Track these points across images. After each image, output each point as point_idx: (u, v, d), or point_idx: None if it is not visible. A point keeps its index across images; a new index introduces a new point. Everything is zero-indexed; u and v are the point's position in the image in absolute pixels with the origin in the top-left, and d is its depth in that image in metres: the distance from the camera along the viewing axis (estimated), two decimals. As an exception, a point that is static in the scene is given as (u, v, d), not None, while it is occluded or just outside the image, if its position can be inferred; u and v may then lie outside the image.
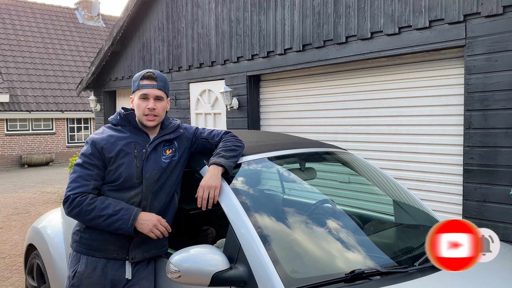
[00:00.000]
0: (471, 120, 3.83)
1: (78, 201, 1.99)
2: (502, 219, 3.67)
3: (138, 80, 2.16)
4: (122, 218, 1.97)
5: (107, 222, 1.97)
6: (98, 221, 1.98)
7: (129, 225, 1.96)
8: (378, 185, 2.73)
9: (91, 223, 2.00)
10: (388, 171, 4.65)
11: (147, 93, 2.12)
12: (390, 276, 1.79)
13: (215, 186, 2.01)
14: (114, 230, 1.98)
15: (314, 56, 5.10)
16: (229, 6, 6.24)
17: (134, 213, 1.99)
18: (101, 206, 1.98)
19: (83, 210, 1.98)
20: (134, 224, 1.97)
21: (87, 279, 2.07)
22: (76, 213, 1.99)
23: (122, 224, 1.96)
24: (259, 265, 1.74)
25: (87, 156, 2.08)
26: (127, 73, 8.64)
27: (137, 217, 1.98)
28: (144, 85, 2.13)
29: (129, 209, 2.00)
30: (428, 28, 4.07)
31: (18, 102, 15.30)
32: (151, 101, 2.12)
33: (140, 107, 2.13)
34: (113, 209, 1.98)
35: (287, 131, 5.82)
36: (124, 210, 1.99)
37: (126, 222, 1.96)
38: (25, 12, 18.45)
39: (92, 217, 1.97)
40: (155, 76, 2.15)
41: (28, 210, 8.06)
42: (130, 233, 1.98)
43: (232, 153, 2.17)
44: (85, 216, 1.98)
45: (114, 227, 1.97)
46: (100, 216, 1.97)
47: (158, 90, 2.14)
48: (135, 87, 2.17)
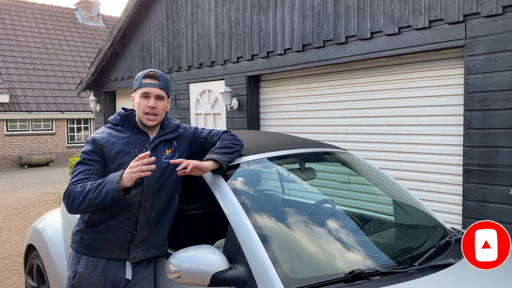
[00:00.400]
0: (471, 120, 3.83)
1: (71, 190, 1.97)
2: (502, 219, 3.67)
3: (140, 79, 2.16)
4: (108, 181, 1.92)
5: (96, 192, 1.90)
6: (89, 197, 1.91)
7: (115, 182, 1.88)
8: (378, 185, 2.73)
9: (85, 203, 1.93)
10: (388, 171, 4.65)
11: (149, 92, 2.12)
12: (389, 276, 1.79)
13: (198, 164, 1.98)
14: (104, 196, 1.89)
15: (314, 56, 5.10)
16: (228, 6, 6.24)
17: (118, 173, 1.94)
18: (91, 183, 1.95)
19: (76, 192, 1.94)
20: (119, 180, 1.89)
21: (88, 279, 2.06)
22: (71, 199, 1.95)
23: (109, 185, 1.89)
24: (259, 265, 1.74)
25: (87, 153, 2.08)
26: (127, 73, 8.64)
27: (121, 174, 1.92)
28: (146, 84, 2.13)
29: (114, 173, 1.96)
30: (428, 28, 4.07)
31: (18, 103, 15.30)
32: (152, 100, 2.12)
33: (140, 105, 2.13)
34: (101, 180, 1.95)
35: (287, 131, 5.82)
36: (110, 176, 1.95)
37: (111, 182, 1.90)
38: (25, 12, 18.45)
39: (84, 196, 1.92)
40: (157, 76, 2.15)
41: (28, 210, 8.06)
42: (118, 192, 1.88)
43: (227, 150, 2.17)
44: (78, 198, 1.93)
45: (103, 193, 1.89)
46: (90, 190, 1.92)
47: (160, 90, 2.15)
48: (136, 85, 2.17)
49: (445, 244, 2.18)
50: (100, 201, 1.91)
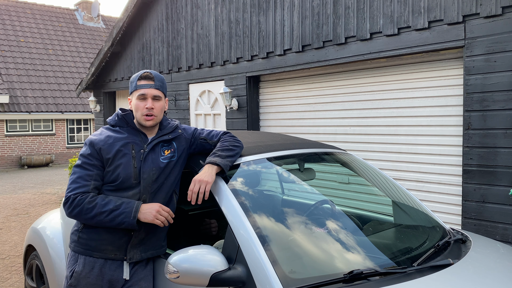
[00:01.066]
0: (470, 120, 3.83)
1: (78, 200, 1.98)
2: (502, 219, 3.67)
3: (135, 81, 2.16)
4: (124, 212, 1.96)
5: (109, 217, 1.96)
6: (100, 218, 1.96)
7: (132, 217, 1.95)
8: (377, 186, 2.73)
9: (93, 221, 1.98)
10: (387, 171, 4.65)
11: (145, 93, 2.13)
12: (389, 276, 1.79)
13: (207, 181, 2.00)
14: (117, 224, 1.97)
15: (314, 56, 5.10)
16: (228, 7, 6.25)
17: (135, 205, 1.99)
18: (102, 202, 1.98)
19: (84, 208, 1.97)
20: (136, 216, 1.96)
21: (85, 279, 2.07)
22: (77, 212, 1.98)
23: (124, 218, 1.95)
24: (258, 265, 1.74)
25: (86, 156, 2.08)
26: (126, 74, 8.64)
27: (139, 209, 1.98)
28: (141, 85, 2.13)
29: (130, 202, 2.00)
30: (427, 29, 4.07)
31: (18, 103, 15.30)
32: (149, 101, 2.12)
33: (138, 107, 2.13)
34: (114, 204, 1.98)
35: (287, 131, 5.82)
36: (125, 204, 1.98)
37: (128, 215, 1.95)
38: (25, 13, 18.46)
39: (94, 215, 1.97)
40: (152, 76, 2.15)
41: (27, 211, 8.06)
42: (133, 226, 1.97)
43: (229, 152, 2.17)
44: (86, 215, 1.97)
45: (116, 221, 1.96)
46: (102, 213, 1.96)
47: (156, 90, 2.15)
48: (132, 88, 2.17)
49: (444, 244, 2.18)
50: (110, 225, 1.99)
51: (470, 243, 2.29)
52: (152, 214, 1.98)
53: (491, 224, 3.73)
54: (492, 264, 2.01)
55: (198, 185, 2.00)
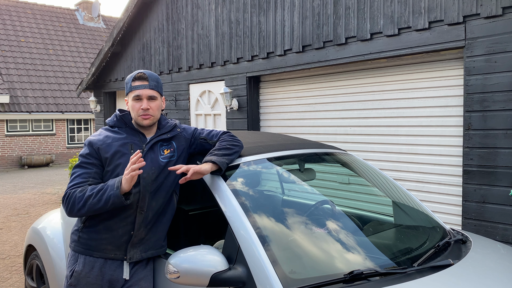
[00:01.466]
0: (471, 121, 3.83)
1: (71, 194, 1.99)
2: (502, 220, 3.67)
3: (130, 82, 2.16)
4: (109, 186, 1.95)
5: (97, 197, 1.93)
6: (89, 202, 1.94)
7: (115, 188, 1.92)
8: (378, 186, 2.73)
9: (85, 208, 1.95)
10: (388, 172, 4.65)
11: (140, 94, 2.13)
12: (389, 277, 1.79)
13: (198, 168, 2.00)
14: (105, 202, 1.93)
15: (314, 57, 5.10)
16: (229, 7, 6.25)
17: (118, 178, 1.96)
18: (91, 189, 1.97)
19: (76, 198, 1.96)
20: (119, 185, 1.92)
21: (85, 278, 2.07)
22: (71, 204, 1.97)
23: (110, 191, 1.92)
24: (258, 265, 1.74)
25: (85, 156, 2.09)
26: (127, 74, 8.64)
27: (121, 179, 1.94)
28: (136, 86, 2.13)
29: (114, 178, 1.99)
30: (428, 29, 4.07)
31: (18, 103, 15.31)
32: (144, 102, 2.12)
33: (134, 108, 2.14)
34: (101, 185, 1.98)
35: (287, 132, 5.82)
36: (110, 181, 1.97)
37: (112, 187, 1.93)
38: (26, 13, 18.47)
39: (85, 201, 1.95)
40: (146, 76, 2.15)
41: (28, 211, 8.06)
42: (119, 197, 1.91)
43: (226, 151, 2.17)
44: (79, 204, 1.95)
45: (104, 199, 1.93)
46: (90, 196, 1.94)
47: (151, 90, 2.15)
48: (127, 89, 2.18)
49: (444, 245, 2.18)
50: (101, 207, 1.94)
51: (470, 243, 2.29)
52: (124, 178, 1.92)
53: (491, 224, 3.73)
54: (492, 265, 2.01)
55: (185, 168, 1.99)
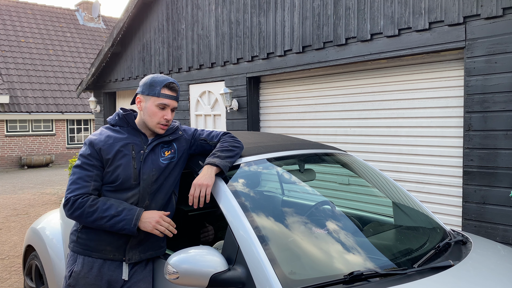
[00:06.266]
0: (471, 122, 3.82)
1: (79, 203, 1.98)
2: (502, 221, 3.67)
3: (159, 87, 2.11)
4: (125, 219, 1.97)
5: (109, 223, 1.96)
6: (100, 222, 1.97)
7: (132, 225, 1.96)
8: (378, 187, 2.73)
9: (93, 224, 1.99)
10: (388, 173, 4.64)
11: (168, 104, 2.12)
12: (389, 278, 1.78)
13: (207, 185, 2.00)
14: (117, 230, 1.98)
15: (314, 57, 5.10)
16: (229, 7, 6.25)
17: (137, 213, 1.99)
18: (103, 207, 1.98)
19: (85, 212, 1.97)
20: (137, 224, 1.97)
21: (83, 279, 2.06)
22: (78, 215, 1.98)
23: (125, 225, 1.96)
24: (258, 266, 1.73)
25: (86, 157, 2.07)
26: (127, 74, 8.64)
27: (140, 217, 1.98)
28: (166, 95, 2.11)
29: (131, 209, 2.00)
30: (428, 30, 4.07)
31: (18, 103, 15.31)
32: (169, 112, 2.13)
33: (156, 115, 2.11)
34: (115, 210, 1.98)
35: (287, 132, 5.82)
36: (127, 211, 1.99)
37: (129, 223, 1.96)
38: (26, 13, 18.47)
39: (95, 219, 1.97)
40: (177, 89, 2.17)
41: (27, 211, 8.05)
42: (133, 233, 1.98)
43: (228, 153, 2.16)
44: (87, 218, 1.98)
45: (117, 227, 1.97)
46: (103, 218, 1.97)
47: (176, 102, 2.17)
48: (154, 93, 2.11)
49: (444, 246, 2.18)
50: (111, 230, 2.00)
51: (471, 244, 2.28)
52: (151, 225, 1.99)
53: (491, 225, 3.72)
54: (492, 266, 2.00)
55: (198, 189, 2.00)
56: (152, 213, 2.02)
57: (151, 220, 1.99)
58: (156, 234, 1.99)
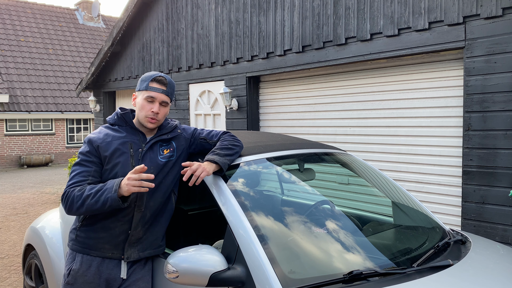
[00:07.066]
0: (470, 121, 3.83)
1: (70, 192, 1.98)
2: (501, 221, 3.67)
3: (148, 81, 2.14)
4: (107, 188, 1.93)
5: (95, 198, 1.92)
6: (88, 202, 1.93)
7: (113, 191, 1.90)
8: (377, 187, 2.73)
9: (83, 208, 1.94)
10: (387, 172, 4.65)
11: (155, 97, 2.12)
12: (388, 277, 1.79)
13: (206, 169, 2.01)
14: (103, 204, 1.91)
15: (314, 57, 5.10)
16: (228, 7, 6.25)
17: (116, 181, 1.94)
18: (90, 188, 1.96)
19: (75, 197, 1.95)
20: (117, 189, 1.90)
21: (82, 277, 2.06)
22: (70, 203, 1.96)
23: (107, 193, 1.91)
24: (257, 265, 1.74)
25: (84, 154, 2.08)
26: (126, 73, 8.64)
27: (119, 183, 1.92)
28: (153, 88, 2.13)
29: (113, 180, 1.96)
30: (428, 30, 4.07)
31: (17, 103, 15.30)
32: (156, 105, 2.12)
33: (144, 108, 2.13)
34: (100, 186, 1.97)
35: (287, 132, 5.82)
36: (109, 183, 1.96)
37: (110, 190, 1.91)
38: (25, 12, 18.46)
39: (83, 201, 1.94)
40: (166, 82, 2.15)
41: (27, 210, 8.05)
42: (116, 201, 1.90)
43: (228, 151, 2.17)
44: (77, 203, 1.94)
45: (101, 200, 1.91)
46: (88, 196, 1.93)
47: (166, 96, 2.15)
48: (142, 87, 2.15)
49: (444, 245, 2.18)
50: (98, 208, 1.93)
51: (470, 244, 2.29)
52: (126, 185, 1.89)
53: (490, 225, 3.73)
54: (491, 265, 2.01)
55: (199, 169, 1.99)
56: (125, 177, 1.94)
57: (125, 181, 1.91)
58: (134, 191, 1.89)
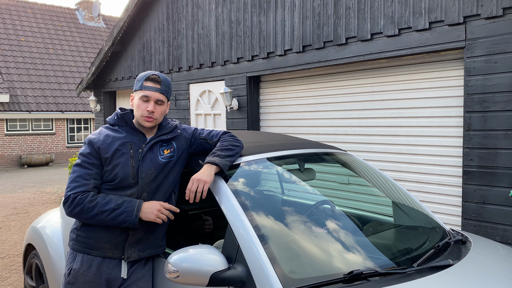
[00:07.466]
0: (471, 121, 3.83)
1: (79, 200, 1.98)
2: (502, 221, 3.67)
3: (142, 80, 2.16)
4: (126, 211, 1.97)
5: (110, 216, 1.96)
6: (101, 217, 1.97)
7: (134, 216, 1.96)
8: (378, 187, 2.73)
9: (94, 220, 1.99)
10: (388, 172, 4.65)
11: (149, 96, 2.13)
12: (389, 277, 1.79)
13: (205, 181, 2.01)
14: (119, 223, 1.97)
15: (314, 57, 5.10)
16: (229, 7, 6.25)
17: (137, 204, 2.00)
18: (103, 202, 1.99)
19: (85, 207, 1.97)
20: (138, 214, 1.98)
21: (82, 276, 2.07)
22: (78, 211, 1.98)
23: (126, 217, 1.96)
24: (258, 265, 1.74)
25: (86, 155, 2.08)
26: (127, 73, 8.64)
27: (141, 208, 1.99)
28: (147, 87, 2.14)
29: (131, 201, 2.01)
30: (428, 30, 4.07)
31: (18, 102, 15.30)
32: (151, 104, 2.12)
33: (139, 108, 2.14)
34: (115, 203, 1.98)
35: (287, 132, 5.82)
36: (126, 203, 1.99)
37: (130, 214, 1.96)
38: (26, 12, 18.46)
39: (95, 214, 1.97)
40: (159, 80, 2.16)
41: (27, 210, 8.06)
42: (135, 225, 1.98)
43: (228, 152, 2.17)
44: (87, 214, 1.98)
45: (118, 220, 1.97)
46: (103, 212, 1.97)
47: (160, 94, 2.15)
48: (137, 87, 2.17)
49: (444, 245, 2.18)
50: (112, 224, 1.99)
51: (470, 244, 2.29)
52: (153, 213, 2.00)
53: (491, 225, 3.73)
54: (492, 265, 2.01)
55: (196, 184, 2.00)
56: (152, 203, 2.04)
57: (152, 209, 2.00)
58: (159, 222, 2.01)
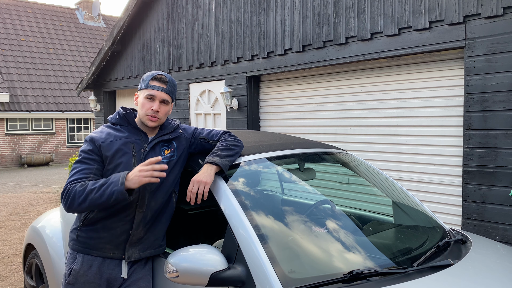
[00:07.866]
0: (471, 121, 3.82)
1: (71, 188, 1.95)
2: (502, 220, 3.67)
3: (148, 80, 2.15)
4: (113, 181, 1.90)
5: (99, 192, 1.89)
6: (91, 196, 1.90)
7: (120, 184, 1.88)
8: (378, 186, 2.73)
9: (86, 203, 1.91)
10: (388, 172, 4.65)
11: (155, 95, 2.12)
12: (388, 276, 1.79)
13: (206, 182, 2.00)
14: (108, 197, 1.89)
15: (314, 56, 5.10)
16: (229, 6, 6.24)
17: (122, 174, 1.93)
18: (93, 182, 1.94)
19: (77, 192, 1.92)
20: (124, 182, 1.89)
21: (83, 277, 2.06)
22: (71, 199, 1.93)
23: (113, 187, 1.88)
24: (257, 265, 1.74)
25: (86, 152, 2.07)
26: (127, 73, 8.64)
27: (126, 176, 1.91)
28: (153, 86, 2.13)
29: (117, 174, 1.94)
30: (428, 29, 4.07)
31: (18, 102, 15.30)
32: (156, 103, 2.12)
33: (144, 106, 2.13)
34: (103, 180, 1.94)
35: (287, 131, 5.82)
36: (113, 176, 1.94)
37: (116, 183, 1.89)
38: (26, 12, 18.46)
39: (86, 195, 1.91)
40: (166, 80, 2.16)
41: (27, 210, 8.06)
42: (123, 194, 1.88)
43: (228, 152, 2.17)
44: (79, 198, 1.91)
45: (107, 194, 1.89)
46: (92, 190, 1.90)
47: (166, 94, 2.15)
48: (143, 85, 2.17)
49: (444, 245, 2.18)
50: (103, 202, 1.90)
51: (470, 243, 2.28)
52: (138, 178, 1.90)
53: (491, 225, 3.73)
54: (492, 265, 2.01)
55: (196, 186, 2.00)
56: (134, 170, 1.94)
57: (135, 173, 1.91)
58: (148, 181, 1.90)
